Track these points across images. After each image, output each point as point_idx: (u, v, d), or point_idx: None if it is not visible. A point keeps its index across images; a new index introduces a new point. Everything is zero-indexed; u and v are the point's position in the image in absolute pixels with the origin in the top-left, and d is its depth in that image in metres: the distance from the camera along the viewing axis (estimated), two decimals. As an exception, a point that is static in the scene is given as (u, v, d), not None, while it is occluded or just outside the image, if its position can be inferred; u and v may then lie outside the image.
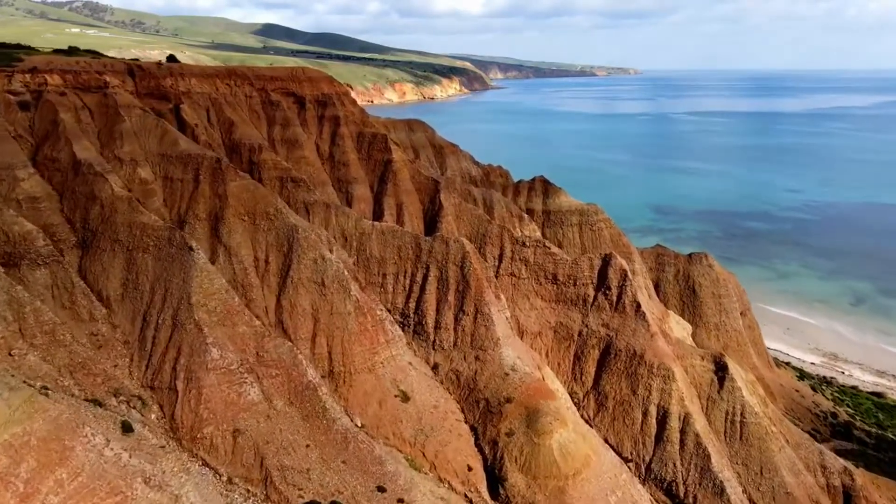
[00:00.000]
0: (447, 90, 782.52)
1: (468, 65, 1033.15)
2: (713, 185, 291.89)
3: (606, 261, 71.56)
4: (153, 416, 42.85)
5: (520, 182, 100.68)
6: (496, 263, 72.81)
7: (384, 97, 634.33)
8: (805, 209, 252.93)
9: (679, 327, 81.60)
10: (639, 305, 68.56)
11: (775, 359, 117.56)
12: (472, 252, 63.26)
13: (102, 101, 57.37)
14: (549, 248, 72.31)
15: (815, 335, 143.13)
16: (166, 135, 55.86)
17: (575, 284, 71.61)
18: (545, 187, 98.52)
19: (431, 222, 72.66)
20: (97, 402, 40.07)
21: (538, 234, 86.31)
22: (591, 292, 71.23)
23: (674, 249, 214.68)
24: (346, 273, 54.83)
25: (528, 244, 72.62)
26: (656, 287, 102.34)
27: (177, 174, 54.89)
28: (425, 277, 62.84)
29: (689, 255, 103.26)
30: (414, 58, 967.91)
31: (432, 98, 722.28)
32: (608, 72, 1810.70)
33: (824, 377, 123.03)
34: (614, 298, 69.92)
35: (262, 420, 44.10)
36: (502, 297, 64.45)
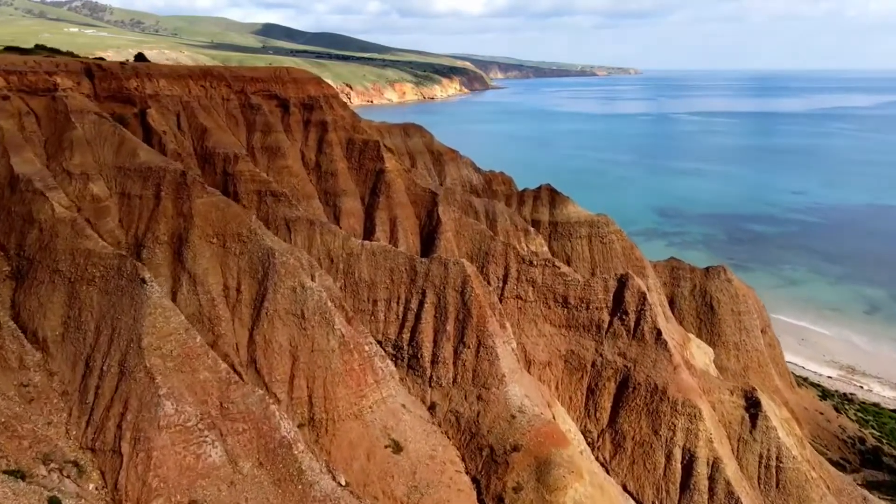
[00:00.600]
0: (447, 90, 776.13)
1: (468, 64, 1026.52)
2: (716, 187, 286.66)
3: (622, 282, 64.37)
4: (92, 486, 35.65)
5: (524, 191, 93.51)
6: (500, 285, 65.67)
7: (384, 97, 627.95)
8: (811, 211, 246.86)
9: (700, 352, 74.53)
10: (659, 333, 61.41)
11: (793, 374, 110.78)
12: (474, 275, 56.09)
13: (51, 106, 50.14)
14: (559, 268, 65.17)
15: (830, 346, 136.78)
16: (124, 144, 48.71)
17: (588, 308, 64.46)
18: (552, 196, 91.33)
19: (429, 239, 65.51)
20: (20, 474, 32.88)
21: (545, 248, 79.15)
22: (606, 317, 64.08)
23: (680, 255, 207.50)
24: (330, 304, 47.66)
25: (535, 263, 65.46)
26: (671, 303, 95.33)
27: (135, 190, 47.70)
28: (421, 304, 55.70)
29: (707, 269, 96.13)
30: (414, 58, 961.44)
31: (432, 98, 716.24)
32: (608, 71, 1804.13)
33: (844, 394, 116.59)
34: (632, 324, 62.77)
35: (224, 487, 36.95)
36: (508, 325, 57.29)
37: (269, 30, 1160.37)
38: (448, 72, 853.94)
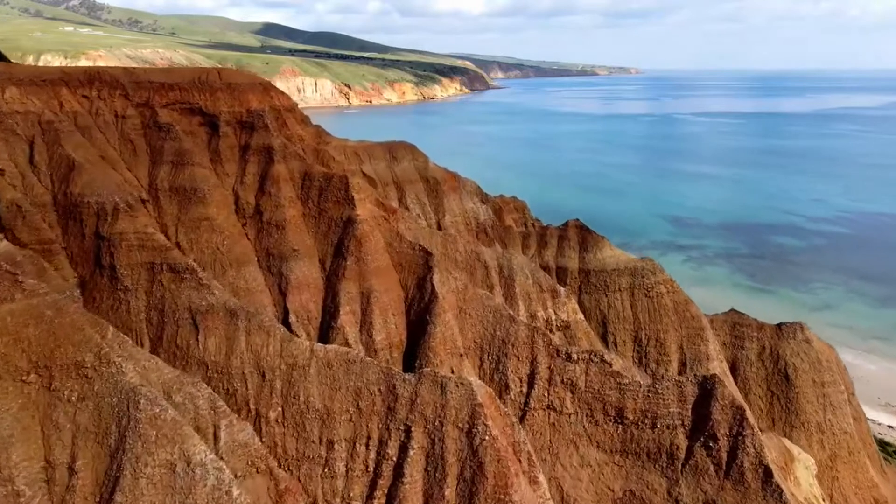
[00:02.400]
0: (447, 90, 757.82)
1: (469, 64, 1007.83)
2: (730, 193, 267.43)
3: (707, 387, 43.31)
4: None
5: (546, 229, 72.26)
6: (524, 389, 44.62)
7: (383, 97, 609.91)
8: (837, 221, 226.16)
9: (801, 467, 53.55)
10: (768, 472, 40.44)
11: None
12: (489, 401, 35.06)
13: None
14: (610, 365, 44.19)
15: (880, 384, 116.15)
16: None
17: (654, 426, 43.43)
18: (582, 237, 69.98)
19: (419, 321, 44.38)
20: None
21: (579, 316, 58.11)
22: (683, 441, 43.05)
23: (699, 271, 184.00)
24: (237, 492, 26.57)
25: (575, 357, 44.40)
26: (733, 370, 74.12)
27: None
28: (404, 450, 34.62)
29: (779, 327, 74.62)
30: (414, 57, 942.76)
31: (432, 98, 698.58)
32: (609, 71, 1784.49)
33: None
34: (723, 456, 41.70)
35: None
36: (541, 478, 36.10)
37: (268, 29, 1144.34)
38: (448, 71, 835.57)
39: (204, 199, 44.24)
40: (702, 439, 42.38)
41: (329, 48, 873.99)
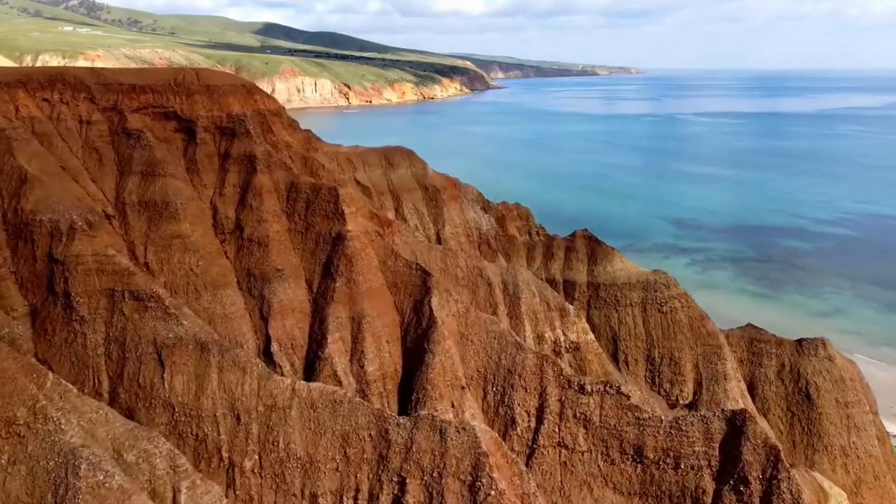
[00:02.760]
0: (447, 90, 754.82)
1: (469, 64, 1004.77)
2: (734, 195, 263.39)
3: (737, 424, 38.99)
4: None
5: (553, 239, 67.94)
6: (532, 425, 40.26)
7: (383, 97, 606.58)
8: (844, 224, 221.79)
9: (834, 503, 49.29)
10: (807, 521, 36.21)
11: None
12: (495, 448, 30.74)
13: None
14: (628, 398, 39.86)
15: (892, 393, 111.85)
16: None
17: (677, 467, 39.10)
18: (591, 248, 65.65)
19: (416, 350, 40.03)
20: None
21: (589, 336, 53.73)
22: (710, 484, 38.71)
23: (705, 274, 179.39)
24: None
25: (589, 389, 40.05)
26: (750, 389, 69.96)
27: None
28: (397, 504, 30.39)
29: (799, 343, 70.22)
30: (415, 57, 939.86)
31: (432, 98, 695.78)
32: (610, 71, 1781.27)
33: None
34: (755, 501, 37.37)
35: None
36: (554, 535, 31.77)
37: (268, 29, 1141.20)
38: (448, 71, 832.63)
39: (176, 215, 39.77)
40: (731, 482, 38.05)
41: (329, 48, 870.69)
